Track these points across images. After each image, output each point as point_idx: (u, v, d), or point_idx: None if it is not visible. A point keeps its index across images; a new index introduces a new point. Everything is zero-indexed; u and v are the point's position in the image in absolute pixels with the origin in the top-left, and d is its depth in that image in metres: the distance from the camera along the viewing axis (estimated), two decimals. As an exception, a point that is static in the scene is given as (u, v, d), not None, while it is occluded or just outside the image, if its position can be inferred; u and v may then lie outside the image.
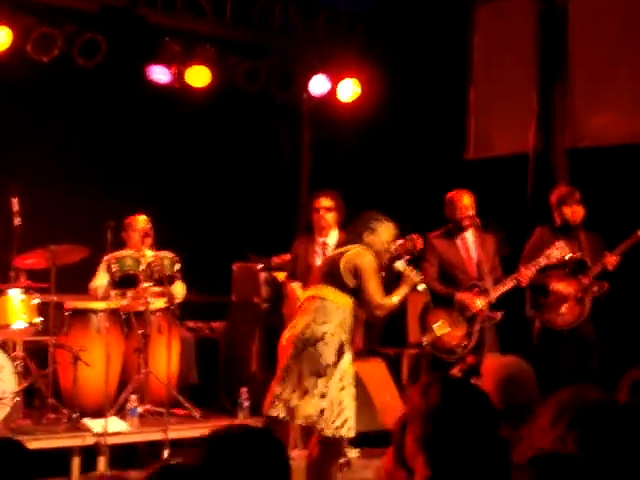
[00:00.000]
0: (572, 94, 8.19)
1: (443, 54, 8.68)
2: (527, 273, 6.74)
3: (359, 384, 7.08)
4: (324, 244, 6.97)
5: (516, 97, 8.49)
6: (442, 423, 2.35)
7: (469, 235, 6.92)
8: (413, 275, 5.43)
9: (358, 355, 7.09)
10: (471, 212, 6.87)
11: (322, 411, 5.07)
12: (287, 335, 5.28)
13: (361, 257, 5.23)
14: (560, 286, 6.97)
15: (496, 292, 6.80)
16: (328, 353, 5.08)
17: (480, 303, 6.74)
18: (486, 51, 8.75)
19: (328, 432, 5.08)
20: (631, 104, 7.91)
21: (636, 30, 7.92)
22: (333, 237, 6.98)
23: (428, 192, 8.49)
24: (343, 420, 5.07)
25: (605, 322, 7.10)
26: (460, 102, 8.84)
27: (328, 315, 5.16)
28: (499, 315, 6.81)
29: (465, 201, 6.88)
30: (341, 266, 5.23)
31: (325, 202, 6.95)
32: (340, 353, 5.12)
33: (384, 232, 5.38)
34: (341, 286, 5.23)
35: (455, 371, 3.82)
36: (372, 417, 7.29)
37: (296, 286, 6.90)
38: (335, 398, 5.08)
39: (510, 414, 3.16)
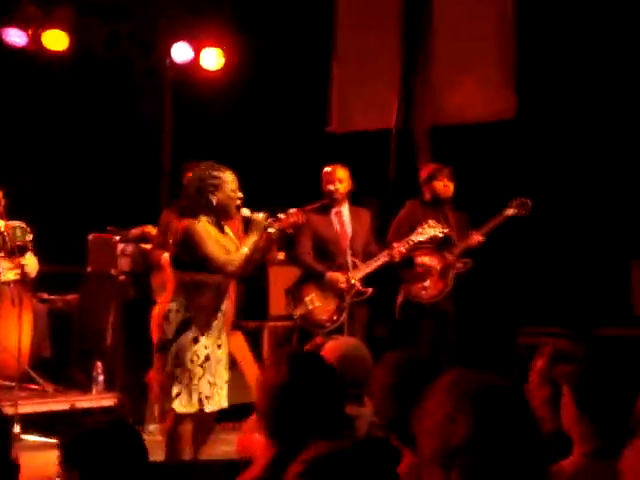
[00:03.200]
0: (434, 71, 8.27)
1: (307, 25, 8.62)
2: (400, 250, 6.79)
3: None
4: None
5: (380, 72, 8.51)
6: (289, 398, 2.38)
7: (344, 210, 6.94)
8: (260, 218, 5.29)
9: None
10: (344, 186, 6.88)
11: (160, 384, 5.16)
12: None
13: (189, 229, 5.06)
14: (425, 260, 7.05)
15: (368, 268, 6.83)
16: (169, 329, 5.07)
17: (349, 280, 6.76)
18: (350, 24, 8.74)
19: (166, 405, 5.15)
20: (490, 82, 8.04)
21: (498, 5, 8.04)
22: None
23: (291, 164, 8.48)
24: (175, 393, 5.06)
25: (465, 298, 7.23)
26: (324, 75, 8.81)
27: (174, 294, 5.12)
28: (370, 290, 6.85)
29: (339, 174, 6.89)
30: (173, 244, 5.16)
31: None
32: (181, 330, 5.06)
33: (229, 184, 5.16)
34: (180, 265, 5.12)
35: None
36: (242, 390, 7.23)
37: (167, 257, 6.75)
38: (169, 372, 5.08)
39: (346, 390, 3.22)
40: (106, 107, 8.92)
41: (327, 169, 6.97)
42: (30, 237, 7.00)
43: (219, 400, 5.23)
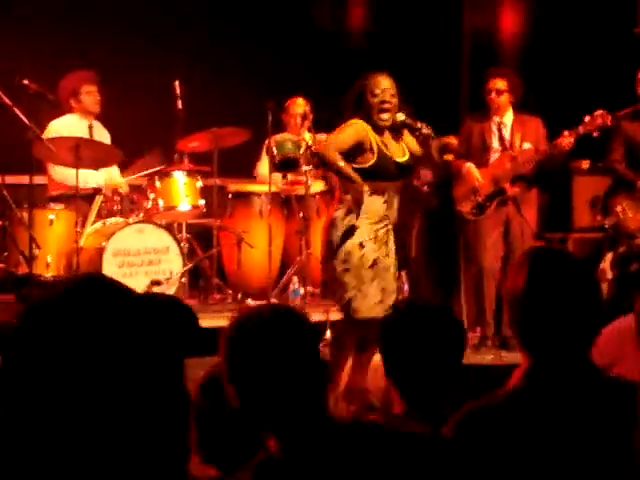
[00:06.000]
0: None
1: None
2: None
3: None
4: (500, 123, 6.72)
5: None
6: (530, 305, 2.20)
7: None
8: (418, 125, 5.09)
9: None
10: None
11: (332, 291, 5.21)
12: None
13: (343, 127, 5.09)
14: None
15: None
16: (335, 236, 5.04)
17: None
18: None
19: (336, 310, 5.26)
20: None
21: None
22: (509, 116, 6.71)
23: (599, 69, 8.11)
24: (347, 299, 5.03)
25: None
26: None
27: (340, 200, 5.13)
28: None
29: None
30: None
31: (499, 83, 6.63)
32: (347, 235, 5.02)
33: (373, 86, 5.05)
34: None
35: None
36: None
37: (472, 166, 6.73)
38: (339, 277, 5.05)
39: None
40: (406, 19, 8.91)
41: None
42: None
43: (388, 307, 4.94)
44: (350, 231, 5.04)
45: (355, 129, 5.06)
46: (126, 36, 7.69)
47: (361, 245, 5.03)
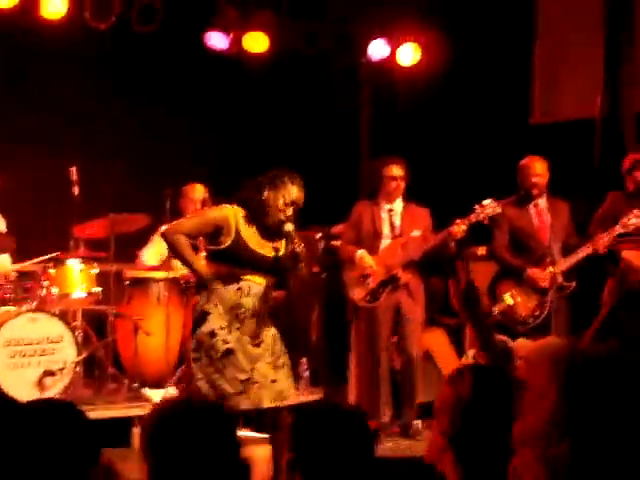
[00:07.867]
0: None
1: (506, 18, 8.42)
2: (603, 241, 6.55)
3: (426, 356, 7.00)
4: (391, 210, 6.84)
5: (582, 60, 8.25)
6: (473, 417, 2.17)
7: (542, 202, 6.76)
8: (295, 241, 4.97)
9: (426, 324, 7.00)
10: (542, 180, 6.69)
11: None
12: None
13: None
14: (631, 254, 6.76)
15: (570, 261, 6.63)
16: (192, 322, 5.05)
17: (551, 275, 6.57)
18: (551, 13, 8.50)
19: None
20: None
21: None
22: (399, 204, 6.86)
23: (492, 158, 8.32)
24: (197, 388, 4.96)
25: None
26: (524, 66, 8.60)
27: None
28: (573, 285, 6.65)
29: (538, 169, 6.71)
30: None
31: (397, 171, 6.80)
32: (199, 323, 4.97)
33: (287, 194, 4.95)
34: (207, 253, 5.12)
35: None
36: (439, 387, 7.17)
37: (365, 253, 6.77)
38: (192, 366, 5.03)
39: None
40: (304, 106, 9.02)
41: (524, 162, 6.81)
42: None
43: (258, 399, 4.93)
44: (202, 318, 4.94)
45: (218, 214, 4.97)
46: (22, 121, 7.61)
47: (211, 334, 4.89)
